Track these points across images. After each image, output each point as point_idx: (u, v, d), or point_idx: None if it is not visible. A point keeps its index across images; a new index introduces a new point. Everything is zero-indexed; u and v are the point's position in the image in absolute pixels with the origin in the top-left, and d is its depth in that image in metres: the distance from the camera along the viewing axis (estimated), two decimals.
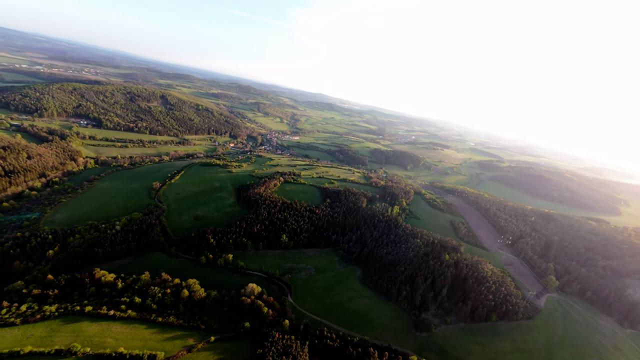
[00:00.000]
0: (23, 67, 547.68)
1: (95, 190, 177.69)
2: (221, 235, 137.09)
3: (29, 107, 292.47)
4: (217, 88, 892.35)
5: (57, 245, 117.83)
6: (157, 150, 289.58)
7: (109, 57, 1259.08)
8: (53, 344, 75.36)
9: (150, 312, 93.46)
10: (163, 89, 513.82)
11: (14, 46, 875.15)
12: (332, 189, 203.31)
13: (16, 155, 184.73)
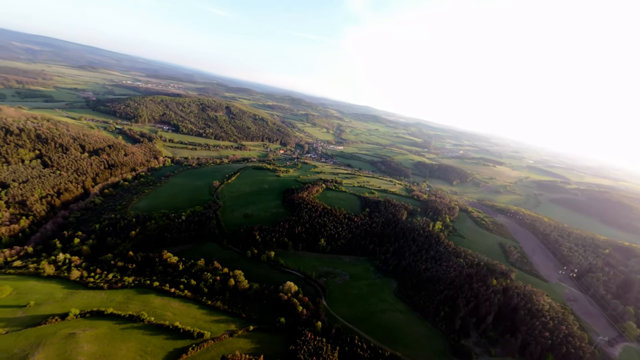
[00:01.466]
0: (128, 83, 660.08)
1: (169, 185, 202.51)
2: (266, 233, 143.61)
3: (129, 115, 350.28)
4: (273, 100, 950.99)
5: (138, 228, 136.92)
6: (219, 154, 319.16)
7: (189, 74, 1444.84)
8: (127, 309, 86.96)
9: (202, 295, 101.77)
10: (227, 101, 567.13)
11: (122, 67, 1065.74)
12: (372, 198, 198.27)
13: (117, 152, 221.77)
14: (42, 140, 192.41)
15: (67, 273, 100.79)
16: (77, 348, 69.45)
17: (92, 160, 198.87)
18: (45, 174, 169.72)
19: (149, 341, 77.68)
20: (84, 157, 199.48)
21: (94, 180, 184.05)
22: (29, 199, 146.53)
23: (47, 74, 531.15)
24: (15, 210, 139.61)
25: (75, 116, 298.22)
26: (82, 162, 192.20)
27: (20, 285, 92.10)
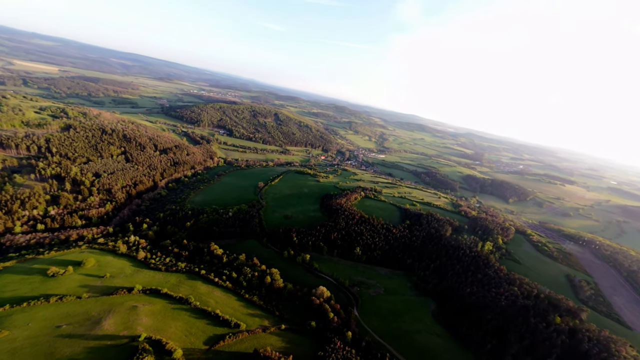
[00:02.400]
0: (194, 92, 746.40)
1: (221, 183, 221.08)
2: (303, 236, 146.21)
3: (193, 119, 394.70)
4: (318, 108, 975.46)
5: (192, 220, 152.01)
6: (265, 157, 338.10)
7: (244, 83, 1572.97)
8: (178, 292, 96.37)
9: (241, 288, 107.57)
10: (276, 108, 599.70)
11: (191, 78, 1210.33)
12: (413, 210, 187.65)
13: (181, 152, 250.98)
14: (126, 140, 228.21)
15: (135, 253, 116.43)
16: (138, 320, 79.17)
17: (161, 158, 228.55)
18: (127, 167, 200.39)
19: (194, 323, 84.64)
20: (156, 154, 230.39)
21: (161, 175, 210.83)
22: (113, 187, 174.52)
23: (135, 84, 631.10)
24: (103, 196, 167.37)
25: (152, 120, 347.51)
26: (154, 159, 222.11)
27: (101, 259, 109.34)
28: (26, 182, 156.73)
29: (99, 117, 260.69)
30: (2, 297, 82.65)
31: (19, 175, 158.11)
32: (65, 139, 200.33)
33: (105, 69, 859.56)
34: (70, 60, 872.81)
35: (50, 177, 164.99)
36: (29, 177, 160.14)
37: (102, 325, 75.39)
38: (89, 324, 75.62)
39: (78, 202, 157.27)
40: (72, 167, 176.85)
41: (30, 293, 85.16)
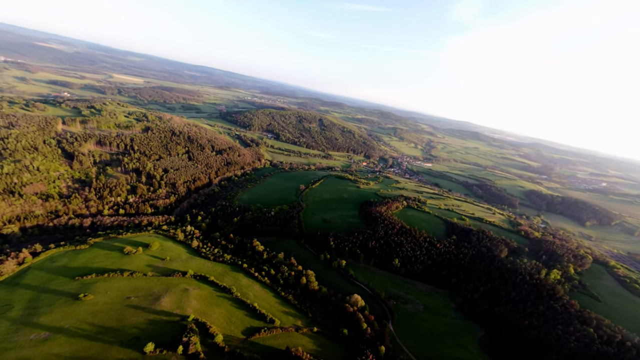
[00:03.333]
0: (248, 98, 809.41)
1: (266, 183, 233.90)
2: (340, 241, 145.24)
3: (245, 124, 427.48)
4: (362, 114, 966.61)
5: (239, 216, 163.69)
6: (307, 161, 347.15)
7: (292, 90, 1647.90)
8: (223, 281, 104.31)
9: (278, 285, 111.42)
10: (321, 114, 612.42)
11: (246, 86, 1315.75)
12: (461, 225, 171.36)
13: (233, 153, 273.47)
14: (190, 141, 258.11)
15: (190, 241, 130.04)
16: (188, 301, 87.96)
17: (217, 158, 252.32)
18: (189, 165, 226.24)
19: (234, 313, 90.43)
20: (213, 155, 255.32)
21: (216, 173, 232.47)
22: (177, 182, 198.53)
23: (200, 92, 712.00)
24: (169, 189, 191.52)
25: (211, 124, 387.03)
26: (211, 159, 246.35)
27: (163, 244, 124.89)
28: (114, 174, 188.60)
29: (170, 121, 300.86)
30: (91, 267, 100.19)
31: (110, 168, 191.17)
32: (144, 138, 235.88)
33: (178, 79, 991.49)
34: (153, 73, 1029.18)
35: (131, 171, 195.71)
36: (116, 170, 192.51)
37: (160, 302, 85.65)
38: (150, 299, 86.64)
39: (150, 192, 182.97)
40: (147, 162, 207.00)
41: (110, 266, 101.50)
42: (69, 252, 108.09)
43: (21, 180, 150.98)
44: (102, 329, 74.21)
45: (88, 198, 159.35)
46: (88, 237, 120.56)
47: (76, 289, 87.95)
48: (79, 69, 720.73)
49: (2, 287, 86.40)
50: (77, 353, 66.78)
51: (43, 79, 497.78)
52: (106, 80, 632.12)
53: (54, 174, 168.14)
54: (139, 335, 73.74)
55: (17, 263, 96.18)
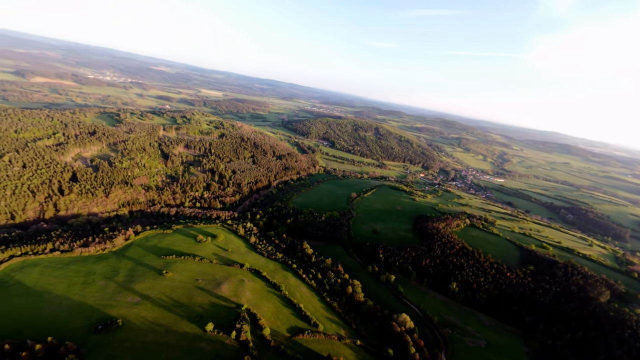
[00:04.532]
0: (307, 108, 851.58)
1: (319, 189, 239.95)
2: (389, 254, 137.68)
3: (304, 132, 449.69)
4: (422, 123, 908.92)
5: (292, 218, 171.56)
6: (360, 169, 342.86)
7: (350, 100, 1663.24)
8: (274, 278, 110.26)
9: (324, 290, 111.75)
10: (377, 123, 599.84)
11: (306, 96, 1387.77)
12: (542, 254, 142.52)
13: (291, 159, 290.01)
14: (255, 146, 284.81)
15: (249, 237, 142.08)
16: (243, 292, 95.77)
17: (276, 163, 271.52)
18: (252, 168, 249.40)
19: (281, 310, 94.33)
20: (273, 159, 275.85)
21: (275, 177, 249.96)
22: (242, 182, 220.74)
23: (266, 103, 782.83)
24: (235, 189, 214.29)
25: (274, 131, 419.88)
26: (271, 163, 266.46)
27: (227, 236, 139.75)
28: (195, 172, 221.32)
29: (240, 129, 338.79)
30: (173, 249, 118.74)
31: (192, 167, 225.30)
32: (219, 143, 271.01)
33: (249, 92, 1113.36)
34: (230, 87, 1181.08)
35: (207, 170, 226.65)
36: (197, 169, 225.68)
37: (221, 288, 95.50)
38: (213, 284, 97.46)
39: (220, 190, 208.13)
40: (220, 164, 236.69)
41: (186, 250, 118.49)
42: (158, 234, 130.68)
43: (133, 173, 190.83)
44: (176, 303, 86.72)
45: (175, 191, 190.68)
46: (172, 224, 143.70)
47: (161, 265, 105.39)
48: (178, 86, 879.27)
49: (113, 256, 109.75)
50: (157, 320, 79.44)
51: (153, 94, 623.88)
52: (195, 95, 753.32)
53: (154, 170, 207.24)
54: (203, 314, 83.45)
55: (124, 238, 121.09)
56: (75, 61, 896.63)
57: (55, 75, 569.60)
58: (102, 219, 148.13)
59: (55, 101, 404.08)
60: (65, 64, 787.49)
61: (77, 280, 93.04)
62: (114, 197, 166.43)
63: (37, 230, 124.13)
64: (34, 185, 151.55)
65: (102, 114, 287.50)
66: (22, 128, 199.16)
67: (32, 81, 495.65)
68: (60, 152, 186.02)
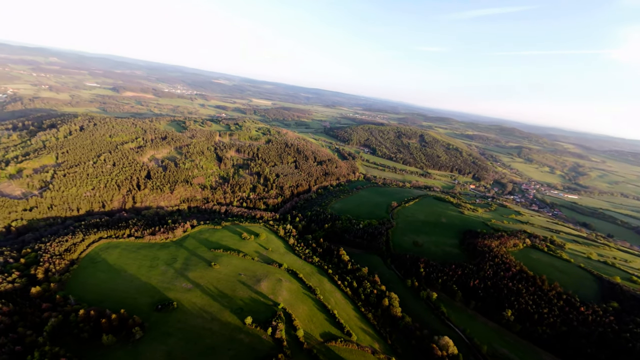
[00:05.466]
0: (349, 115, 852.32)
1: (357, 196, 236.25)
2: (432, 270, 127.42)
3: (345, 138, 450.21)
4: (474, 130, 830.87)
5: (330, 223, 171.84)
6: (402, 177, 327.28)
7: (394, 106, 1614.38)
8: (309, 281, 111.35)
9: (359, 299, 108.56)
10: (423, 129, 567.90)
11: (349, 103, 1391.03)
12: (631, 290, 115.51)
13: (331, 165, 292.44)
14: (298, 152, 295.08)
15: (288, 238, 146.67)
16: (280, 290, 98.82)
17: (317, 168, 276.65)
18: (294, 172, 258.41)
19: (315, 313, 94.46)
20: (314, 165, 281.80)
21: (315, 182, 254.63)
22: (284, 186, 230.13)
23: (310, 111, 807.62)
24: (278, 191, 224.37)
25: (316, 138, 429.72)
26: (312, 169, 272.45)
27: (268, 236, 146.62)
28: (243, 175, 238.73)
29: (285, 135, 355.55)
30: (221, 243, 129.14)
31: (241, 170, 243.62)
32: (266, 149, 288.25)
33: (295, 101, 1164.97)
34: (278, 96, 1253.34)
35: (254, 173, 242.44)
36: (245, 172, 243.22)
37: (260, 284, 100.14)
38: (254, 280, 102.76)
39: (264, 192, 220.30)
40: (266, 168, 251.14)
41: (232, 246, 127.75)
42: (209, 229, 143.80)
43: (193, 174, 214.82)
44: (221, 293, 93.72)
45: (225, 191, 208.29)
46: (222, 221, 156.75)
47: (210, 257, 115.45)
48: (233, 96, 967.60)
49: (173, 245, 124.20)
50: (205, 307, 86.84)
51: (213, 104, 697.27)
52: (248, 104, 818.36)
53: (210, 171, 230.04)
54: (243, 307, 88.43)
55: (182, 230, 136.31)
56: (155, 78, 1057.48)
57: (140, 90, 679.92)
58: (166, 212, 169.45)
59: (138, 111, 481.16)
60: (147, 81, 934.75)
61: (145, 263, 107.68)
62: (177, 194, 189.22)
63: (119, 218, 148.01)
64: (119, 180, 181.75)
65: (172, 122, 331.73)
66: (114, 133, 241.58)
67: (124, 95, 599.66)
68: (140, 153, 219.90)
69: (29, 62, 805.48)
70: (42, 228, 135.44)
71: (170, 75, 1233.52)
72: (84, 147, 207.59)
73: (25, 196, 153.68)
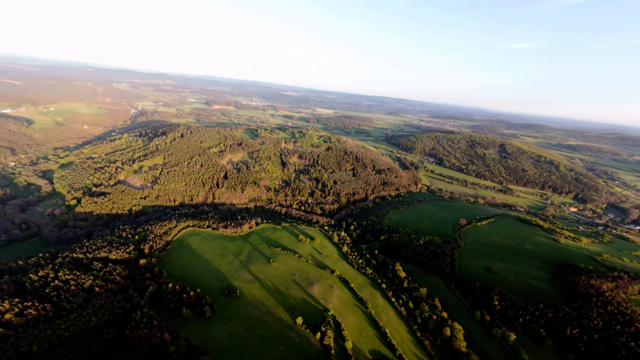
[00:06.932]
0: (414, 122, 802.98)
1: (418, 209, 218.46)
2: (509, 305, 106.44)
3: (407, 147, 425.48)
4: (579, 139, 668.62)
5: (386, 235, 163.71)
6: (475, 192, 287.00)
7: (467, 113, 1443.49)
8: (361, 292, 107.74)
9: (414, 322, 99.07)
10: (504, 138, 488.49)
11: (415, 110, 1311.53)
12: None
13: (391, 174, 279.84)
14: (357, 160, 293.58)
15: (341, 245, 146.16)
16: (330, 297, 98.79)
17: (375, 177, 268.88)
18: (352, 180, 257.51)
19: (365, 328, 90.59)
20: (372, 173, 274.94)
21: (372, 191, 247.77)
22: (341, 193, 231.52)
23: (371, 119, 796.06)
24: (334, 198, 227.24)
25: (376, 146, 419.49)
26: (370, 177, 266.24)
27: (323, 241, 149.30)
28: (303, 180, 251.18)
29: (345, 143, 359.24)
30: (279, 242, 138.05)
31: (302, 175, 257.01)
32: (325, 155, 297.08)
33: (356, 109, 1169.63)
34: (340, 105, 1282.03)
35: (313, 179, 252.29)
36: (305, 177, 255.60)
37: (312, 288, 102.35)
38: (306, 282, 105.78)
39: (321, 198, 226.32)
40: (324, 174, 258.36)
41: (289, 246, 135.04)
42: (271, 228, 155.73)
43: (260, 176, 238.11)
44: (276, 289, 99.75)
45: (287, 194, 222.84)
46: (281, 221, 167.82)
47: (270, 254, 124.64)
48: (299, 106, 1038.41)
49: (240, 239, 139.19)
50: (262, 299, 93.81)
51: (281, 114, 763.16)
52: (311, 113, 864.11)
53: (274, 175, 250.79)
54: (295, 306, 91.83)
55: (248, 227, 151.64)
56: (237, 92, 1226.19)
57: (225, 103, 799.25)
58: (237, 209, 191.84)
59: (222, 121, 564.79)
60: (231, 95, 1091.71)
61: (217, 252, 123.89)
62: (246, 193, 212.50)
63: (201, 211, 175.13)
64: (204, 179, 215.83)
65: (247, 130, 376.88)
66: (203, 140, 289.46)
67: (213, 108, 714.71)
68: (220, 157, 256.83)
69: (152, 84, 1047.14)
70: (150, 213, 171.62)
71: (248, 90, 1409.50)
72: (181, 151, 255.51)
73: (142, 187, 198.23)
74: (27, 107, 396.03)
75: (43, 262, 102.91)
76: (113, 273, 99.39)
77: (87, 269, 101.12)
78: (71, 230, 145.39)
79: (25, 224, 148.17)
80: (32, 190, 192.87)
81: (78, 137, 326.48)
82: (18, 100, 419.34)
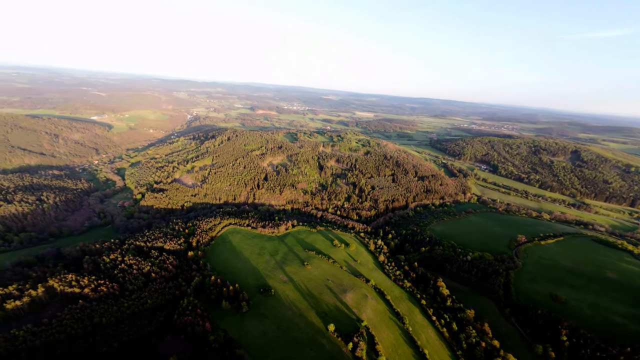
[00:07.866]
0: (464, 126, 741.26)
1: (467, 221, 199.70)
2: (583, 343, 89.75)
3: (455, 152, 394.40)
4: None
5: (428, 247, 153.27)
6: (538, 205, 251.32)
7: (530, 114, 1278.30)
8: (398, 306, 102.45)
9: (458, 347, 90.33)
10: (579, 144, 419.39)
11: (465, 113, 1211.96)
12: None
13: (435, 181, 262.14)
14: (397, 165, 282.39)
15: (378, 254, 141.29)
16: (364, 308, 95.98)
17: (417, 184, 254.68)
18: (391, 186, 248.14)
19: (401, 345, 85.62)
20: (414, 180, 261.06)
21: (413, 198, 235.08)
22: (379, 199, 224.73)
23: (414, 122, 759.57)
24: (372, 204, 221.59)
25: (419, 150, 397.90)
26: (412, 184, 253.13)
27: (358, 248, 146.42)
28: (340, 184, 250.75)
29: (385, 147, 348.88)
30: (314, 246, 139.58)
31: (339, 179, 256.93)
32: (364, 160, 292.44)
33: (399, 112, 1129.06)
34: (381, 108, 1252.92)
35: (350, 183, 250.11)
36: (342, 181, 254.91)
37: (345, 295, 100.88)
38: (340, 289, 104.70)
39: (358, 203, 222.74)
40: (362, 179, 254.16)
41: (324, 250, 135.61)
42: (306, 231, 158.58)
43: (298, 179, 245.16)
44: (309, 293, 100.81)
45: (323, 198, 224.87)
46: (317, 225, 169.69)
47: (304, 257, 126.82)
48: (338, 110, 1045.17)
49: (277, 239, 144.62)
50: (295, 301, 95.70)
51: (320, 118, 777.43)
52: (351, 117, 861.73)
53: (311, 178, 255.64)
54: (327, 312, 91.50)
55: (285, 228, 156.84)
56: (279, 97, 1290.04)
57: (267, 108, 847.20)
58: (275, 210, 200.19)
59: (265, 125, 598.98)
60: (273, 100, 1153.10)
61: (255, 251, 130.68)
62: (284, 195, 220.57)
63: (243, 210, 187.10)
64: (246, 180, 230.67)
65: (287, 134, 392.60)
66: (247, 143, 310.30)
67: (257, 113, 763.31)
68: (262, 159, 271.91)
69: (206, 92, 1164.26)
70: (199, 210, 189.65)
71: (290, 95, 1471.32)
72: (228, 153, 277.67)
73: (193, 186, 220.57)
74: (109, 114, 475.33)
75: (114, 247, 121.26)
76: (166, 262, 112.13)
77: (146, 256, 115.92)
78: (136, 221, 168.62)
79: (102, 213, 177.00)
80: (109, 184, 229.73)
81: (145, 140, 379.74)
82: (103, 108, 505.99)
